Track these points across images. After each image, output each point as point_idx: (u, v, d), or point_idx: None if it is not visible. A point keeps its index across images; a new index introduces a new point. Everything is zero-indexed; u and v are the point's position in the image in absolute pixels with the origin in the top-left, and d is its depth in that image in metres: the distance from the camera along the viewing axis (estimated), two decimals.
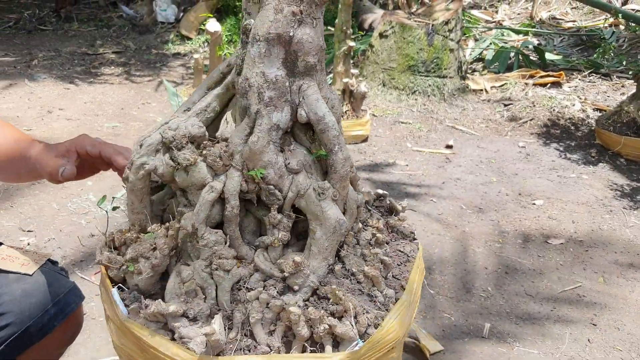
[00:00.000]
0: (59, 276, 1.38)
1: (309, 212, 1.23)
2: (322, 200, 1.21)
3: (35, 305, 1.29)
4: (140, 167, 1.19)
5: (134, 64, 6.09)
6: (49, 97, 4.85)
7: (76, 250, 2.75)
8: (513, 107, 5.04)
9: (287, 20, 1.14)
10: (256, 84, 1.16)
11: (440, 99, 5.05)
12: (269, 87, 1.17)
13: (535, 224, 3.21)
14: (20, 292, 1.28)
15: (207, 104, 1.28)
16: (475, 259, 2.87)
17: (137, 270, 1.17)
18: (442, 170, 3.91)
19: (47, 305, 1.31)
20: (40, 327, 1.29)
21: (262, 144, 1.17)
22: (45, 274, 1.35)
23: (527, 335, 2.34)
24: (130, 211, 1.25)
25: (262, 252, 1.22)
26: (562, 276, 2.74)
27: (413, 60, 5.01)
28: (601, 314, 2.47)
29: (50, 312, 1.31)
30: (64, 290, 1.35)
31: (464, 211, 3.34)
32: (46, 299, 1.31)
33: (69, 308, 1.35)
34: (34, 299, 1.29)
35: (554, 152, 4.30)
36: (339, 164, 1.24)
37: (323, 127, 1.22)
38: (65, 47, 6.52)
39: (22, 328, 1.26)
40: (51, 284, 1.33)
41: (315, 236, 1.22)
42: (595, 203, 3.48)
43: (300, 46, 1.18)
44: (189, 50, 6.71)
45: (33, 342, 1.29)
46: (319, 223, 1.22)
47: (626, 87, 5.46)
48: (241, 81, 1.18)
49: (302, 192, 1.23)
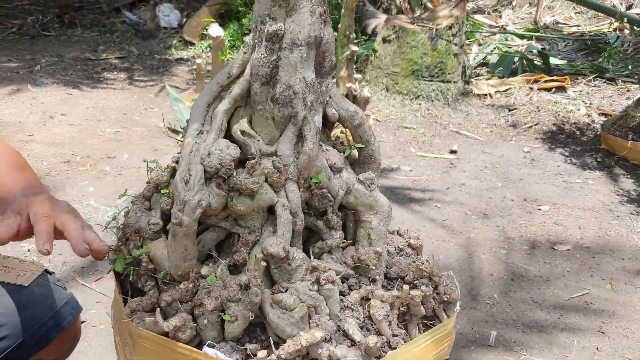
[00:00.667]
0: (56, 287, 1.35)
1: (360, 205, 1.26)
2: (373, 190, 1.27)
3: (31, 318, 1.25)
4: (197, 206, 1.09)
5: (137, 69, 6.07)
6: (52, 103, 4.83)
7: (77, 257, 2.72)
8: (517, 111, 5.01)
9: (318, 21, 1.14)
10: (300, 90, 1.15)
11: (444, 104, 5.02)
12: (309, 91, 1.17)
13: (541, 230, 3.17)
14: (15, 305, 1.25)
15: (220, 122, 1.20)
16: (480, 265, 2.83)
17: (234, 317, 1.08)
18: (446, 176, 3.88)
19: (44, 317, 1.27)
20: (37, 340, 1.26)
21: (316, 149, 1.18)
22: (42, 285, 1.31)
23: (534, 343, 2.30)
24: (180, 259, 1.13)
25: (328, 256, 1.22)
26: (569, 283, 2.70)
27: (417, 65, 4.98)
28: (609, 321, 2.43)
29: (47, 325, 1.28)
30: (60, 302, 1.32)
31: (469, 217, 3.31)
32: (42, 311, 1.28)
33: (66, 320, 1.32)
34: (29, 312, 1.26)
35: (560, 157, 4.26)
36: (377, 154, 1.30)
37: (359, 121, 1.27)
38: (68, 52, 6.51)
39: (18, 341, 1.23)
40: (47, 295, 1.30)
41: (372, 225, 1.26)
42: (602, 209, 3.44)
43: (327, 46, 1.19)
44: (191, 56, 6.69)
45: (29, 355, 1.26)
46: (374, 212, 1.26)
47: (631, 91, 5.42)
48: (283, 90, 1.14)
49: (351, 187, 1.25)
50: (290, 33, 1.12)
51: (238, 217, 1.18)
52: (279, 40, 1.13)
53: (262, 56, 1.15)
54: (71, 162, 3.72)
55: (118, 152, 3.93)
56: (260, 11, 1.14)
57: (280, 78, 1.14)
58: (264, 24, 1.13)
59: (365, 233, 1.27)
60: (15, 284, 1.27)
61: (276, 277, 1.16)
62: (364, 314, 1.17)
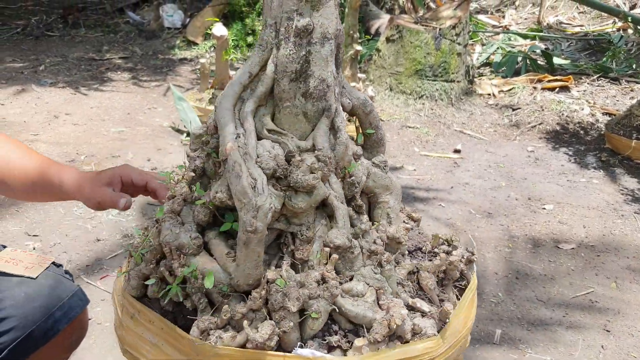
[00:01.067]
0: (63, 279, 1.36)
1: (378, 187, 1.31)
2: (387, 172, 1.33)
3: (38, 309, 1.26)
4: (269, 210, 1.08)
5: (141, 69, 6.08)
6: (56, 102, 4.84)
7: (82, 255, 2.73)
8: (521, 111, 5.00)
9: (337, 15, 1.17)
10: (332, 83, 1.17)
11: (447, 104, 5.02)
12: (336, 84, 1.20)
13: (545, 229, 3.17)
14: (23, 296, 1.25)
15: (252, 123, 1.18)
16: (485, 264, 2.83)
17: (318, 313, 1.10)
18: (450, 175, 3.88)
19: (51, 309, 1.28)
20: (44, 332, 1.27)
21: (348, 139, 1.22)
22: (49, 277, 1.32)
23: (539, 341, 2.29)
24: (253, 267, 1.11)
25: (362, 240, 1.25)
26: (573, 281, 2.70)
27: (420, 64, 4.98)
28: (614, 320, 2.43)
29: (54, 316, 1.28)
30: (68, 294, 1.32)
31: (473, 216, 3.30)
32: (50, 302, 1.28)
33: (74, 312, 1.32)
34: (37, 303, 1.26)
35: (564, 156, 4.26)
36: (384, 137, 1.37)
37: (370, 108, 1.31)
38: (72, 52, 6.52)
39: (25, 332, 1.24)
40: (55, 287, 1.31)
41: (390, 204, 1.31)
42: (606, 208, 3.43)
43: (341, 38, 1.21)
44: (195, 56, 6.70)
45: (37, 347, 1.26)
46: (389, 192, 1.32)
47: (635, 91, 5.41)
48: (317, 84, 1.15)
49: (370, 172, 1.30)
50: (320, 27, 1.12)
51: (292, 215, 1.18)
52: (307, 35, 1.12)
53: (291, 52, 1.14)
54: (76, 161, 3.72)
55: (122, 151, 3.93)
56: (286, 7, 1.12)
57: (313, 72, 1.14)
58: (291, 19, 1.12)
59: (383, 213, 1.31)
60: (23, 275, 1.28)
61: (340, 268, 1.19)
62: (413, 287, 1.25)
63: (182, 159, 3.83)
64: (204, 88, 4.49)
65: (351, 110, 1.29)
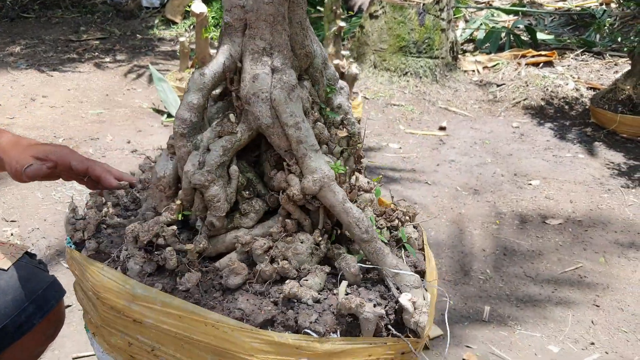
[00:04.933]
0: (37, 270, 1.29)
1: None
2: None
3: (11, 303, 1.19)
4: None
5: (119, 50, 5.94)
6: (32, 85, 4.71)
7: (61, 240, 2.65)
8: (506, 87, 4.96)
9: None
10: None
11: (432, 80, 4.96)
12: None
13: (532, 205, 3.15)
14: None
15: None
16: (472, 241, 2.80)
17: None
18: (436, 152, 3.84)
19: (25, 302, 1.21)
20: (18, 326, 1.20)
21: None
22: (22, 268, 1.25)
23: (529, 318, 2.28)
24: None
25: None
26: (562, 257, 2.68)
27: (404, 41, 4.91)
28: (604, 294, 2.42)
29: (28, 310, 1.22)
30: (42, 286, 1.26)
31: (460, 193, 3.27)
32: (23, 295, 1.22)
33: (49, 304, 1.26)
34: (9, 296, 1.20)
35: (549, 131, 4.23)
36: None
37: None
38: (48, 34, 6.35)
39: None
40: (28, 279, 1.24)
41: None
42: (593, 182, 3.42)
43: None
44: (174, 35, 6.56)
45: (12, 341, 1.20)
46: None
47: (619, 65, 5.39)
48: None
49: None
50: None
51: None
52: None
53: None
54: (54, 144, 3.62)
55: (101, 133, 3.84)
56: None
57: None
58: None
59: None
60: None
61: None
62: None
63: (163, 140, 3.75)
64: (184, 67, 4.39)
65: None
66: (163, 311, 1.06)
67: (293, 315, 1.05)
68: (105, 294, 1.11)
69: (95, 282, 1.13)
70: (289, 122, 1.13)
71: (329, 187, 1.14)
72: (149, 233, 1.13)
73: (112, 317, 1.13)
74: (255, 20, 1.11)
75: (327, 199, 1.14)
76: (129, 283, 1.09)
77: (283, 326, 1.05)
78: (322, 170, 1.14)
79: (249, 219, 1.20)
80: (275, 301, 1.08)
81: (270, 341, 1.02)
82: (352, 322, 1.06)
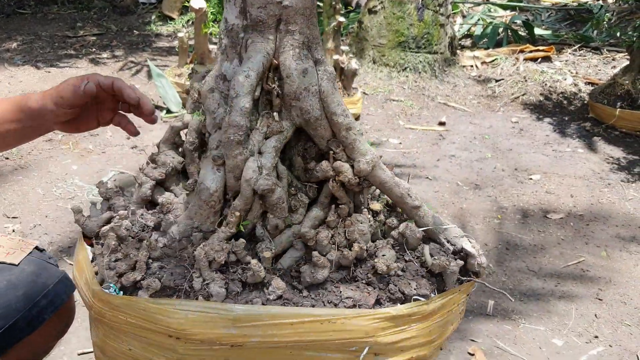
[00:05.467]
0: (48, 265, 1.28)
1: None
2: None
3: (22, 298, 1.19)
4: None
5: (116, 46, 5.92)
6: (31, 81, 4.69)
7: (64, 236, 2.64)
8: (504, 82, 4.97)
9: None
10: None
11: (431, 76, 4.96)
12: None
13: (533, 199, 3.15)
14: (5, 284, 1.18)
15: None
16: (474, 235, 2.80)
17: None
18: (436, 148, 3.84)
19: (36, 297, 1.21)
20: (29, 321, 1.20)
21: None
22: (33, 263, 1.25)
23: (532, 311, 2.28)
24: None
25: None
26: (564, 251, 2.69)
27: (403, 36, 4.90)
28: (606, 288, 2.42)
29: (39, 305, 1.21)
30: (53, 280, 1.25)
31: (461, 188, 3.28)
32: (34, 290, 1.21)
33: (60, 299, 1.25)
34: (20, 291, 1.19)
35: (548, 126, 4.24)
36: None
37: None
38: (45, 30, 6.32)
39: (8, 323, 1.17)
40: (39, 274, 1.24)
41: None
42: (593, 177, 3.43)
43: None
44: (172, 31, 6.54)
45: (22, 337, 1.19)
46: None
47: (617, 60, 5.41)
48: None
49: None
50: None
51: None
52: None
53: None
54: (53, 140, 3.61)
55: (101, 129, 3.82)
56: None
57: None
58: None
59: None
60: (5, 262, 1.21)
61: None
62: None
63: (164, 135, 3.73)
64: (183, 63, 4.37)
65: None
66: (272, 325, 1.04)
67: (395, 288, 1.14)
68: (194, 329, 1.05)
69: (174, 321, 1.06)
70: (337, 111, 1.17)
71: (379, 166, 1.24)
72: (223, 252, 1.11)
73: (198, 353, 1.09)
74: (294, 14, 1.11)
75: (378, 176, 1.24)
76: (225, 308, 1.05)
77: (390, 300, 1.14)
78: (372, 152, 1.23)
79: (299, 214, 1.23)
80: (368, 282, 1.16)
81: (388, 317, 1.08)
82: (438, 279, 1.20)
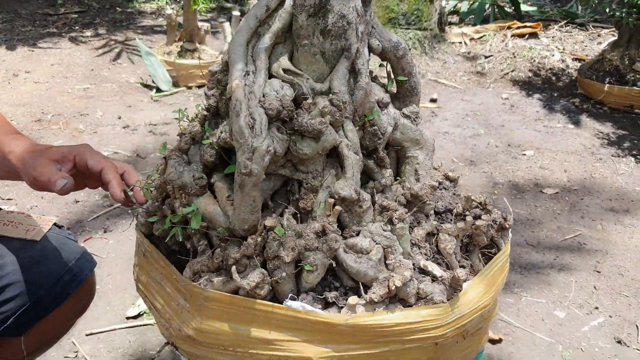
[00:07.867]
0: (68, 241, 1.27)
1: (406, 140, 1.22)
2: (418, 124, 1.22)
3: (46, 274, 1.18)
4: (266, 153, 0.98)
5: (100, 23, 5.81)
6: (13, 61, 4.59)
7: (61, 217, 2.61)
8: (494, 58, 4.98)
9: None
10: (353, 20, 1.05)
11: (421, 52, 4.96)
12: (360, 21, 1.08)
13: (527, 174, 3.19)
14: (28, 260, 1.17)
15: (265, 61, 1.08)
16: None
17: (314, 266, 1.02)
18: (429, 125, 3.85)
19: (60, 272, 1.20)
20: (54, 297, 1.19)
21: (370, 84, 1.11)
22: (54, 239, 1.24)
23: (533, 284, 2.32)
24: (248, 212, 1.02)
25: (381, 195, 1.16)
26: (560, 225, 2.73)
27: (393, 12, 4.88)
28: (604, 260, 2.47)
29: (63, 280, 1.20)
30: (75, 256, 1.25)
31: (456, 164, 3.30)
32: (58, 266, 1.20)
33: (83, 274, 1.25)
34: (44, 267, 1.18)
35: (537, 102, 4.27)
36: (419, 85, 1.25)
37: (403, 52, 1.19)
38: (24, 8, 6.18)
39: (33, 299, 1.16)
40: (61, 249, 1.23)
41: (419, 160, 1.22)
42: (585, 152, 3.47)
43: None
44: (155, 8, 6.44)
45: (47, 312, 1.19)
46: (420, 147, 1.22)
47: (602, 36, 5.45)
48: (335, 20, 1.04)
49: (397, 123, 1.20)
50: None
51: (298, 162, 1.09)
52: None
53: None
54: (42, 120, 3.55)
55: (90, 109, 3.77)
56: None
57: (333, 7, 1.03)
58: None
59: (412, 169, 1.21)
60: (25, 238, 1.19)
61: (346, 222, 1.09)
62: (431, 249, 1.14)
63: (154, 115, 3.70)
64: (172, 41, 4.31)
65: (381, 53, 1.17)
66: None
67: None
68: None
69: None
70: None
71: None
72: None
73: None
74: None
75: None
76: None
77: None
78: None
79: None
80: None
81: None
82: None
